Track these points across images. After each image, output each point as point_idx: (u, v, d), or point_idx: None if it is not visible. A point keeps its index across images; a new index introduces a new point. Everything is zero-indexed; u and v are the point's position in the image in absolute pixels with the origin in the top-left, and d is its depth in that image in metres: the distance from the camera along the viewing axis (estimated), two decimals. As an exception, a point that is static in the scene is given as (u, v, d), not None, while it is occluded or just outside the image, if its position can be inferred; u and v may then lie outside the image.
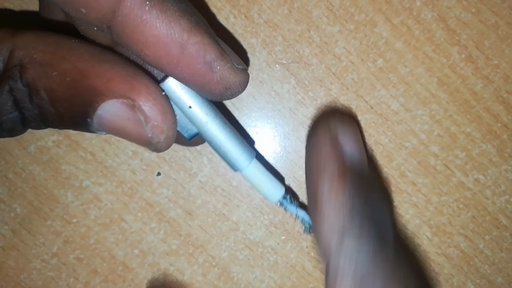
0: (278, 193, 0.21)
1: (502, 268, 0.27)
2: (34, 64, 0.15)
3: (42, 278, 0.27)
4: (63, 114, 0.16)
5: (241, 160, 0.20)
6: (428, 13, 0.25)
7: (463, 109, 0.26)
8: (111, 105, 0.16)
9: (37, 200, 0.26)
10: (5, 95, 0.16)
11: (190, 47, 0.16)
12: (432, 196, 0.26)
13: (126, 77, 0.16)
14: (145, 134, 0.16)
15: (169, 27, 0.15)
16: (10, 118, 0.16)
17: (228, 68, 0.17)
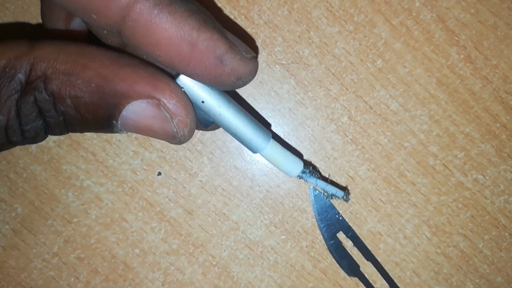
0: (298, 168, 0.22)
1: (501, 268, 0.27)
2: (58, 75, 0.16)
3: (43, 278, 0.27)
4: (89, 118, 0.17)
5: (259, 143, 0.21)
6: (427, 14, 0.25)
7: (462, 109, 0.26)
8: (136, 106, 0.17)
9: (38, 199, 0.26)
10: (30, 105, 0.16)
11: (200, 44, 0.16)
12: (431, 196, 0.26)
13: (148, 78, 0.17)
14: (171, 129, 0.17)
15: (178, 28, 0.16)
16: (34, 126, 0.17)
17: (238, 60, 0.17)
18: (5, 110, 0.16)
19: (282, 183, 0.26)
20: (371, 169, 0.26)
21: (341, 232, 0.26)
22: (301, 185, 0.26)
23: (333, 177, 0.26)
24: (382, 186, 0.26)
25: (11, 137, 0.17)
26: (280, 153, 0.22)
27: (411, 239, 0.27)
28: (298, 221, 0.26)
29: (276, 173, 0.26)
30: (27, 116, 0.17)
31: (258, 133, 0.21)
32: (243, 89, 0.26)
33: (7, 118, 0.16)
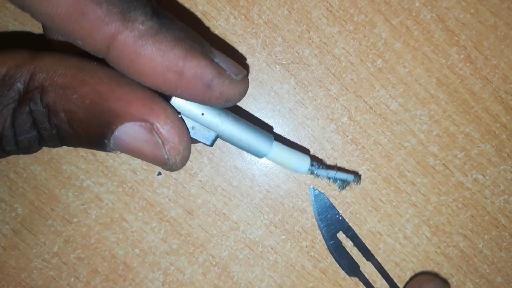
0: (306, 164, 0.22)
1: (501, 268, 0.27)
2: (54, 87, 0.16)
3: (43, 278, 0.27)
4: (81, 134, 0.17)
5: (263, 147, 0.21)
6: (427, 14, 0.25)
7: (462, 109, 0.26)
8: (129, 128, 0.16)
9: (38, 199, 0.26)
10: (25, 116, 0.16)
11: (186, 73, 0.16)
12: (431, 195, 0.26)
13: (145, 100, 0.16)
14: (162, 155, 0.17)
15: (164, 58, 0.16)
16: (28, 137, 0.17)
17: (227, 84, 0.17)
18: (1, 119, 0.16)
19: (282, 183, 0.26)
20: (371, 169, 0.26)
21: (341, 232, 0.26)
22: (301, 185, 0.26)
23: (333, 177, 0.26)
24: (382, 186, 0.26)
25: (5, 147, 0.17)
26: (285, 153, 0.22)
27: (411, 239, 0.27)
28: (298, 221, 0.26)
29: (276, 173, 0.26)
30: (21, 126, 0.16)
31: (260, 138, 0.21)
32: (243, 89, 0.26)
33: (3, 127, 0.16)
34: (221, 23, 0.25)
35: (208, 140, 0.19)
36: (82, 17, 0.15)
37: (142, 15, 0.15)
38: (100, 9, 0.15)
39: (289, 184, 0.26)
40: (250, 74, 0.26)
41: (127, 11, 0.15)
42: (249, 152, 0.21)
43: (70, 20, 0.15)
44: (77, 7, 0.15)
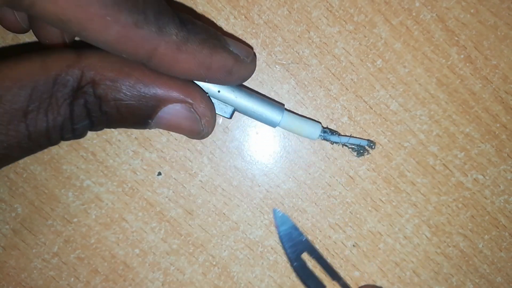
0: (317, 129, 0.24)
1: (501, 268, 0.27)
2: (105, 81, 0.19)
3: (43, 278, 0.27)
4: (128, 117, 0.20)
5: (275, 116, 0.23)
6: (427, 14, 0.25)
7: (462, 109, 0.26)
8: (171, 108, 0.20)
9: (38, 199, 0.26)
10: (81, 107, 0.19)
11: (213, 66, 0.20)
12: (431, 195, 0.26)
13: (182, 85, 0.20)
14: (199, 128, 0.21)
15: (195, 59, 0.19)
16: (83, 125, 0.19)
17: (243, 68, 0.21)
18: (62, 111, 0.19)
19: (282, 183, 0.26)
20: (371, 169, 0.26)
21: (306, 253, 0.26)
22: (301, 185, 0.26)
23: (333, 177, 0.26)
24: (382, 186, 0.26)
25: (65, 135, 0.19)
26: (296, 120, 0.24)
27: (411, 239, 0.27)
28: (298, 221, 0.26)
29: (276, 173, 0.26)
30: (78, 116, 0.19)
31: (272, 107, 0.23)
32: (243, 89, 0.26)
33: (63, 119, 0.19)
34: (221, 23, 0.25)
35: (226, 113, 0.23)
36: (128, 40, 0.18)
37: (175, 28, 0.19)
38: (142, 31, 0.18)
39: (289, 184, 0.26)
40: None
41: (162, 27, 0.18)
42: (263, 121, 0.23)
43: (118, 43, 0.18)
44: (123, 33, 0.18)
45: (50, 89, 0.18)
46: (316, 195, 0.26)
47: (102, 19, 0.17)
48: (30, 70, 0.18)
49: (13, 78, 0.18)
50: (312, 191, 0.26)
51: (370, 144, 0.25)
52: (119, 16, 0.17)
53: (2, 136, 0.18)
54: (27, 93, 0.18)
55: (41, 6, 0.17)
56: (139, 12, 0.18)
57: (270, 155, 0.26)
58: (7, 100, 0.18)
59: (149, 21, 0.18)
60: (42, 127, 0.18)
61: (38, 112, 0.18)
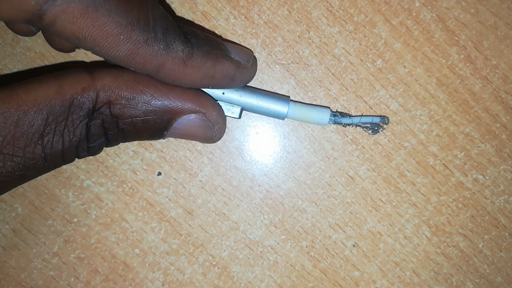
0: (326, 114, 0.24)
1: (501, 268, 0.27)
2: (120, 100, 0.20)
3: (43, 278, 0.27)
4: (144, 131, 0.21)
5: (281, 107, 0.23)
6: (427, 14, 0.25)
7: (462, 109, 0.26)
8: (186, 119, 0.21)
9: (38, 199, 0.26)
10: (98, 127, 0.20)
11: (217, 75, 0.21)
12: (431, 195, 0.26)
13: (195, 97, 0.21)
14: (212, 134, 0.22)
15: (200, 71, 0.20)
16: (99, 143, 0.20)
17: (245, 73, 0.22)
18: (78, 133, 0.19)
19: (282, 183, 0.26)
20: (371, 169, 0.26)
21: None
22: (301, 185, 0.26)
23: (333, 177, 0.26)
24: (382, 186, 0.26)
25: (80, 154, 0.20)
26: (304, 109, 0.24)
27: (411, 239, 0.27)
28: (298, 221, 0.26)
29: (276, 173, 0.26)
30: (94, 136, 0.20)
31: (278, 100, 0.23)
32: (243, 89, 0.26)
33: (78, 140, 0.19)
34: (221, 23, 0.25)
35: (235, 113, 0.23)
36: (137, 56, 0.19)
37: (181, 44, 0.19)
38: (151, 48, 0.19)
39: (289, 184, 0.26)
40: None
41: (170, 44, 0.19)
42: (270, 115, 0.24)
43: (128, 58, 0.19)
44: (134, 50, 0.18)
45: (66, 112, 0.19)
46: (316, 195, 0.26)
47: (115, 37, 0.18)
48: (47, 94, 0.19)
49: (30, 102, 0.18)
50: (312, 191, 0.26)
51: (383, 120, 0.25)
52: (131, 35, 0.18)
53: (19, 158, 0.18)
54: (43, 116, 0.18)
55: (60, 24, 0.17)
56: (150, 30, 0.18)
57: (270, 155, 0.26)
58: (24, 123, 0.18)
59: (158, 38, 0.19)
60: (58, 148, 0.19)
61: (54, 134, 0.19)
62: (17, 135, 0.18)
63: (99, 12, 0.17)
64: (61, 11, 0.17)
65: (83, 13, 0.17)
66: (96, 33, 0.18)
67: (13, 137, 0.18)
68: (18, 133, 0.18)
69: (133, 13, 0.18)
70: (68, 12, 0.17)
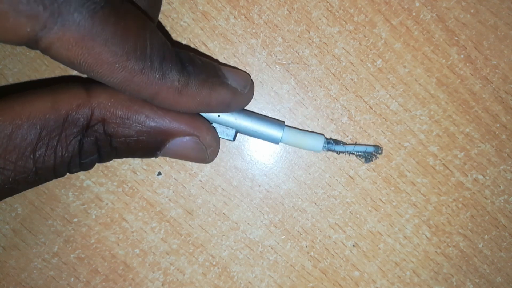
0: (320, 141, 0.24)
1: (501, 268, 0.27)
2: (115, 119, 0.20)
3: (43, 278, 0.27)
4: (137, 150, 0.21)
5: (276, 132, 0.24)
6: (427, 14, 0.25)
7: (462, 109, 0.26)
8: (179, 140, 0.21)
9: (38, 199, 0.26)
10: (91, 144, 0.20)
11: (212, 103, 0.21)
12: (431, 195, 0.26)
13: (189, 119, 0.21)
14: (204, 156, 0.22)
15: (195, 100, 0.20)
16: (91, 159, 0.20)
17: (241, 101, 0.22)
18: (70, 149, 0.19)
19: (282, 183, 0.26)
20: (371, 169, 0.26)
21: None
22: (301, 185, 0.26)
23: (333, 177, 0.26)
24: (382, 186, 0.26)
25: (72, 169, 0.20)
26: (298, 134, 0.24)
27: (411, 239, 0.27)
28: (298, 221, 0.26)
29: (276, 173, 0.26)
30: (87, 152, 0.20)
31: (272, 125, 0.24)
32: (243, 89, 0.26)
33: (71, 156, 0.19)
34: (221, 23, 0.25)
35: (229, 136, 0.23)
36: (132, 83, 0.18)
37: (178, 74, 0.19)
38: (146, 76, 0.18)
39: (289, 184, 0.26)
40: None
41: (166, 73, 0.19)
42: (265, 139, 0.24)
43: (122, 85, 0.18)
44: (129, 77, 0.18)
45: (60, 128, 0.19)
46: (316, 195, 0.26)
47: (110, 66, 0.18)
48: (42, 109, 0.18)
49: (24, 116, 0.18)
50: (312, 191, 0.26)
51: (376, 149, 0.25)
52: (127, 64, 0.18)
53: (9, 172, 0.18)
54: (37, 131, 0.18)
55: (55, 50, 0.17)
56: (146, 59, 0.18)
57: (270, 155, 0.26)
58: (17, 137, 0.18)
59: (154, 68, 0.19)
60: (50, 163, 0.19)
61: (46, 149, 0.19)
62: (9, 149, 0.18)
63: (95, 42, 0.17)
64: (56, 39, 0.17)
65: (79, 41, 0.17)
66: (91, 61, 0.17)
67: (5, 150, 0.18)
68: (11, 146, 0.18)
69: (131, 42, 0.18)
70: (64, 40, 0.17)
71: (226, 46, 0.25)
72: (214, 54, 0.25)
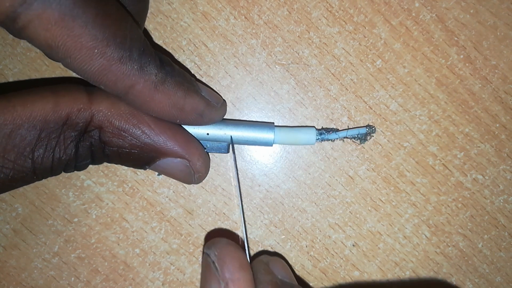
0: (313, 134, 0.24)
1: (501, 267, 0.27)
2: (112, 128, 0.20)
3: (43, 277, 0.27)
4: (126, 161, 0.21)
5: (267, 136, 0.24)
6: (427, 14, 0.25)
7: (462, 110, 0.26)
8: (170, 160, 0.21)
9: (39, 199, 0.26)
10: (86, 148, 0.20)
11: (186, 107, 0.20)
12: (431, 195, 0.26)
13: (183, 142, 0.21)
14: (191, 179, 0.22)
15: (170, 100, 0.20)
16: (85, 163, 0.21)
17: (214, 112, 0.22)
18: (68, 151, 0.20)
19: (282, 183, 0.26)
20: (370, 169, 0.26)
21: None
22: (301, 185, 0.26)
23: (333, 177, 0.26)
24: (381, 186, 0.26)
25: (67, 170, 0.20)
26: (290, 133, 0.24)
27: (411, 239, 0.27)
28: (298, 221, 0.27)
29: (276, 173, 0.26)
30: (82, 156, 0.20)
31: (262, 129, 0.24)
32: (243, 90, 0.26)
33: (68, 158, 0.20)
34: (221, 24, 0.25)
35: (221, 150, 0.24)
36: (109, 73, 0.18)
37: (155, 69, 0.19)
38: (124, 67, 0.18)
39: (289, 184, 0.26)
40: (250, 74, 0.26)
41: (144, 66, 0.19)
42: (258, 144, 0.24)
43: (99, 75, 0.18)
44: (106, 66, 0.18)
45: (59, 130, 0.19)
46: (316, 195, 0.26)
47: (89, 51, 0.17)
48: (43, 110, 0.19)
49: (25, 116, 0.18)
50: (312, 191, 0.26)
51: (369, 129, 0.25)
52: (106, 50, 0.18)
53: (8, 170, 0.19)
54: (36, 132, 0.19)
55: (33, 30, 0.16)
56: (125, 49, 0.18)
57: (270, 155, 0.26)
58: (16, 136, 0.18)
59: (132, 58, 0.18)
60: (48, 164, 0.19)
61: (45, 150, 0.19)
62: (8, 148, 0.18)
63: (76, 23, 0.16)
64: (35, 16, 0.16)
65: (59, 21, 0.16)
66: (69, 44, 0.17)
67: (4, 149, 0.18)
68: (10, 145, 0.18)
69: (111, 29, 0.17)
70: (43, 18, 0.16)
71: (226, 46, 0.25)
72: (214, 54, 0.26)
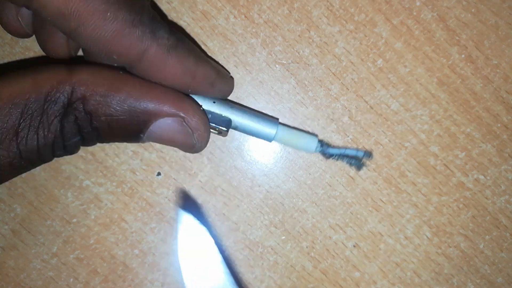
0: (314, 142, 0.24)
1: (502, 268, 0.27)
2: (95, 96, 0.19)
3: (42, 278, 0.27)
4: (119, 132, 0.20)
5: (269, 130, 0.23)
6: (428, 13, 0.25)
7: (463, 109, 0.26)
8: (163, 122, 0.20)
9: (37, 200, 0.26)
10: (72, 124, 0.19)
11: (198, 74, 0.20)
12: (432, 196, 0.26)
13: (174, 99, 0.20)
14: (191, 141, 0.21)
15: (182, 65, 0.20)
16: (74, 142, 0.20)
17: (224, 82, 0.22)
18: (52, 129, 0.19)
19: (282, 183, 0.26)
20: (371, 169, 0.26)
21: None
22: (301, 185, 0.26)
23: (334, 177, 0.26)
24: (382, 186, 0.26)
25: (56, 152, 0.19)
26: (292, 133, 0.24)
27: (412, 240, 0.26)
28: (298, 222, 0.26)
29: (276, 173, 0.26)
30: (68, 133, 0.19)
31: (266, 121, 0.23)
32: (243, 89, 0.26)
33: (54, 136, 0.19)
34: (221, 23, 0.25)
35: (223, 125, 0.22)
36: (123, 38, 0.18)
37: (167, 33, 0.19)
38: (137, 30, 0.18)
39: (289, 184, 0.26)
40: (250, 74, 0.26)
41: (155, 30, 0.19)
42: (258, 136, 0.23)
43: (112, 40, 0.18)
44: (120, 31, 0.18)
45: (41, 107, 0.18)
46: (316, 195, 0.26)
47: (102, 14, 0.17)
48: (22, 89, 0.18)
49: (5, 97, 0.18)
50: (313, 191, 0.26)
51: (367, 154, 0.25)
52: (119, 13, 0.18)
53: None
54: (18, 112, 0.18)
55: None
56: (137, 13, 0.18)
57: (270, 155, 0.26)
58: None
59: (143, 22, 0.18)
60: (33, 145, 0.19)
61: (29, 131, 0.18)
62: None
63: None
64: None
65: None
66: (82, 9, 0.17)
67: None
68: None
69: None
70: None
71: (226, 45, 0.25)
72: (214, 53, 0.25)
